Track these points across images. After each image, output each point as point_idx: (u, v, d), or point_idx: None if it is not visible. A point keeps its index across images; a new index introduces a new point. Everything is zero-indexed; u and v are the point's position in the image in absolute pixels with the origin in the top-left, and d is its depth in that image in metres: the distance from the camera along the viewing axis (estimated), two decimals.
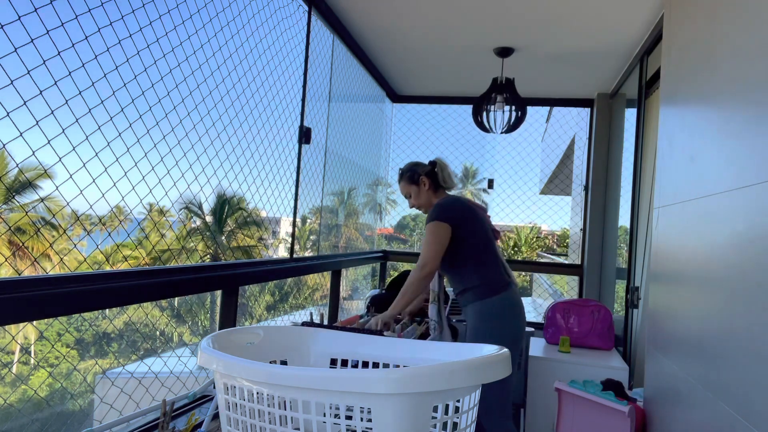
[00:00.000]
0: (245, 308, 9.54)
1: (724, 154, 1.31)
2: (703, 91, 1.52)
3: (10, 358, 13.62)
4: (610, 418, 1.91)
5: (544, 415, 2.66)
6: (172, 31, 1.61)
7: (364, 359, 0.99)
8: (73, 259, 10.27)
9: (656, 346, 1.85)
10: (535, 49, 2.97)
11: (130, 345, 12.17)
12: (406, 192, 2.37)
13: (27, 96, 1.19)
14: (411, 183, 2.34)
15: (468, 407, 0.74)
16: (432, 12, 2.57)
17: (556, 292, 6.08)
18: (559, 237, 12.68)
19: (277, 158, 2.32)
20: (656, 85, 2.69)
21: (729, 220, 1.25)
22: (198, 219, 15.94)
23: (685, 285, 1.58)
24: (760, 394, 1.04)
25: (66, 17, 1.25)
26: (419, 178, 2.32)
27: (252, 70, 2.09)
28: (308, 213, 2.84)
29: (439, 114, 4.30)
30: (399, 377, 0.63)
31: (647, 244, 2.60)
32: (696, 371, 1.42)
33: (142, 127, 1.54)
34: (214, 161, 1.91)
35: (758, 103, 1.14)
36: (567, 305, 3.02)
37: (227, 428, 0.77)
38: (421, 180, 2.32)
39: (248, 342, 0.96)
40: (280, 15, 2.29)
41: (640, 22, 2.53)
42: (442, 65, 3.39)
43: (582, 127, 4.15)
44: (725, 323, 1.23)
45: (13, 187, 12.10)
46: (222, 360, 0.74)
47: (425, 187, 2.32)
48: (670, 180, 1.79)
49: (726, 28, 1.37)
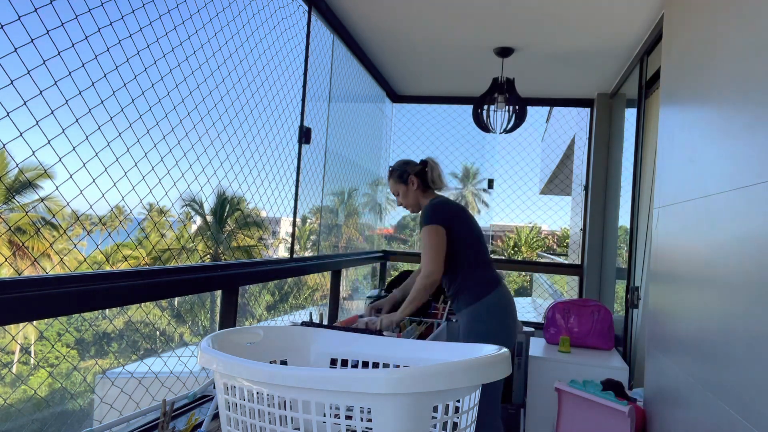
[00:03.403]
0: (245, 308, 9.54)
1: (724, 154, 1.31)
2: (703, 91, 1.52)
3: (10, 358, 13.62)
4: (610, 418, 1.91)
5: (544, 415, 2.66)
6: (172, 31, 1.61)
7: (364, 359, 0.99)
8: (73, 259, 10.26)
9: (656, 346, 1.85)
10: (535, 49, 2.97)
11: (130, 345, 12.18)
12: (395, 190, 2.38)
13: (27, 96, 1.18)
14: (400, 182, 2.34)
15: (468, 407, 0.74)
16: (432, 12, 2.57)
17: (556, 292, 6.07)
18: (559, 237, 12.68)
19: (277, 158, 2.32)
20: (656, 85, 2.69)
21: (729, 220, 1.25)
22: (199, 218, 15.95)
23: (685, 285, 1.58)
24: (760, 394, 1.04)
25: (66, 17, 1.25)
26: (408, 177, 2.32)
27: (252, 70, 2.09)
28: (308, 213, 2.84)
29: (439, 114, 4.29)
30: (399, 377, 0.63)
31: (647, 244, 2.60)
32: (696, 371, 1.42)
33: (142, 127, 1.54)
34: (214, 161, 1.91)
35: (758, 102, 1.14)
36: (567, 305, 3.02)
37: (227, 428, 0.77)
38: (409, 179, 2.31)
39: (248, 342, 0.96)
40: (280, 15, 2.29)
41: (640, 22, 2.53)
42: (442, 65, 3.39)
43: (582, 127, 4.15)
44: (725, 323, 1.23)
45: (13, 187, 12.10)
46: (222, 360, 0.74)
47: (413, 186, 2.32)
48: (670, 180, 1.79)
49: (726, 28, 1.37)
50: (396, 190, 2.37)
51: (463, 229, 2.20)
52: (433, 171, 2.33)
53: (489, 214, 35.68)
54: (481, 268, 2.19)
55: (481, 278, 2.17)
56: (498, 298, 2.14)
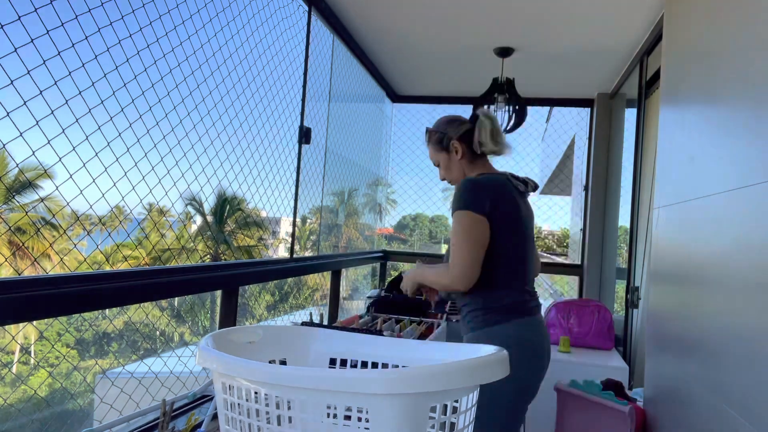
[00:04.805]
0: (245, 308, 9.55)
1: (724, 154, 1.31)
2: (703, 91, 1.52)
3: (10, 358, 13.63)
4: (610, 418, 1.91)
5: (544, 415, 2.65)
6: (172, 31, 1.62)
7: (363, 359, 0.99)
8: (73, 259, 10.26)
9: (656, 346, 1.85)
10: (535, 49, 2.97)
11: (130, 345, 12.18)
12: (435, 159, 1.78)
13: (27, 96, 1.19)
14: (440, 148, 1.72)
15: (466, 408, 0.74)
16: (432, 12, 2.57)
17: (556, 292, 6.08)
18: (559, 237, 12.68)
19: (277, 158, 2.32)
20: (656, 85, 2.69)
21: (729, 220, 1.25)
22: (199, 217, 15.95)
23: (685, 285, 1.58)
24: (760, 394, 1.04)
25: (66, 17, 1.25)
26: (450, 142, 1.69)
27: (252, 70, 2.09)
28: (308, 213, 2.84)
29: (439, 114, 4.27)
30: (396, 378, 0.63)
31: (647, 244, 2.60)
32: (696, 371, 1.42)
33: (142, 127, 1.54)
34: (214, 161, 1.91)
35: (758, 102, 1.14)
36: (567, 305, 3.02)
37: (226, 428, 0.77)
38: (452, 145, 1.69)
39: (247, 341, 0.96)
40: (280, 15, 2.29)
41: (640, 22, 2.53)
42: (442, 65, 3.39)
43: (582, 127, 4.14)
44: (725, 323, 1.23)
45: (13, 187, 12.10)
46: (221, 359, 0.74)
47: (457, 155, 1.68)
48: (670, 180, 1.79)
49: (726, 27, 1.37)
50: (436, 159, 1.76)
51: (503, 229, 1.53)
52: (481, 130, 1.65)
53: None
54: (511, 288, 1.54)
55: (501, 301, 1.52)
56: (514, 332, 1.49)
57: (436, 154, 1.75)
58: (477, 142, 1.66)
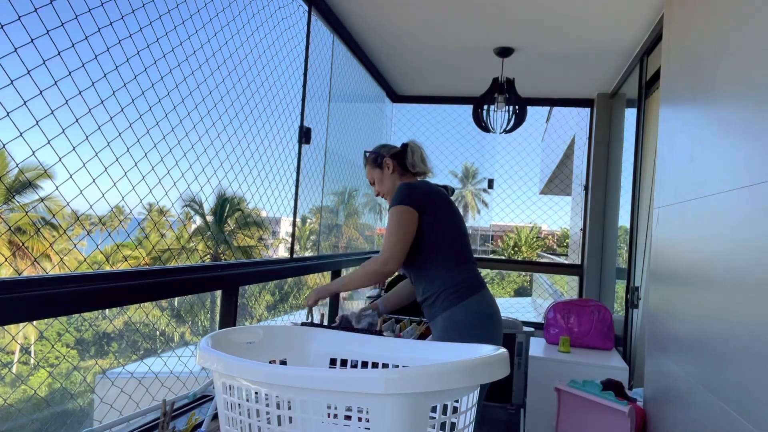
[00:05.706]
0: (245, 308, 9.55)
1: (724, 154, 1.31)
2: (703, 91, 1.52)
3: (10, 358, 13.63)
4: (610, 418, 1.91)
5: (544, 415, 2.66)
6: (172, 31, 1.62)
7: (363, 359, 0.99)
8: (73, 259, 10.27)
9: (656, 346, 1.85)
10: (535, 49, 2.97)
11: (130, 345, 12.18)
12: (370, 177, 2.06)
13: (27, 96, 1.19)
14: (374, 166, 2.02)
15: (466, 407, 0.74)
16: (432, 12, 2.57)
17: (556, 292, 6.08)
18: (559, 237, 12.68)
19: (277, 158, 2.32)
20: (656, 85, 2.69)
21: (729, 220, 1.25)
22: (199, 218, 15.95)
23: (685, 285, 1.58)
24: (760, 394, 1.04)
25: (66, 17, 1.25)
26: (383, 160, 1.99)
27: (252, 70, 2.09)
28: (308, 213, 2.84)
29: (439, 114, 4.30)
30: (396, 378, 0.63)
31: (647, 244, 2.60)
32: (696, 371, 1.42)
33: (142, 127, 1.54)
34: (214, 161, 1.91)
35: (758, 102, 1.14)
36: (567, 305, 3.02)
37: (226, 428, 0.77)
38: (384, 162, 1.99)
39: (247, 341, 0.96)
40: (280, 15, 2.29)
41: (640, 22, 2.53)
42: (442, 65, 3.39)
43: (582, 127, 4.15)
44: (725, 323, 1.23)
45: (13, 187, 12.10)
46: (221, 359, 0.74)
47: (389, 170, 1.98)
48: (670, 180, 1.79)
49: (726, 28, 1.37)
50: (371, 177, 2.05)
51: (443, 216, 1.82)
52: (413, 154, 1.98)
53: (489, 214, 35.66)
54: (464, 267, 1.83)
55: (462, 278, 1.80)
56: (481, 306, 1.78)
57: (371, 172, 2.05)
58: (410, 163, 1.98)
